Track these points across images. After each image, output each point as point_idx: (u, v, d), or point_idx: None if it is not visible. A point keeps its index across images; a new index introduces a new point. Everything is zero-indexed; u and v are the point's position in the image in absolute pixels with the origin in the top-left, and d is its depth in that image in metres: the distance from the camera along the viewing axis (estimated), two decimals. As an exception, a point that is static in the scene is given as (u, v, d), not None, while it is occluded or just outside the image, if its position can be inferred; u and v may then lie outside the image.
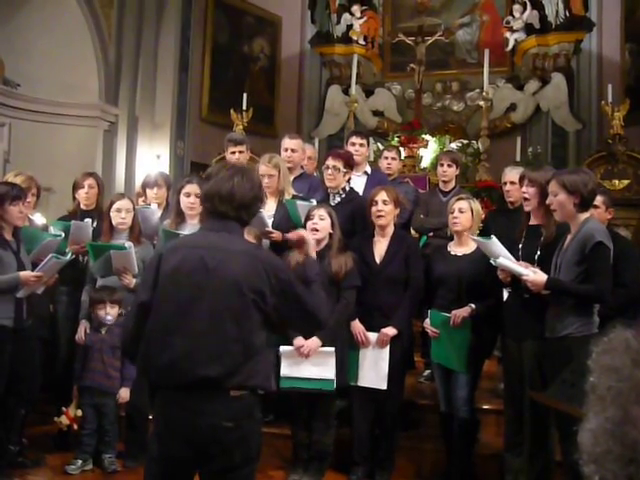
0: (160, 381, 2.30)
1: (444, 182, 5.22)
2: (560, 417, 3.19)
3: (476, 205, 4.05)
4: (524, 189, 3.66)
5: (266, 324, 2.35)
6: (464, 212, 3.97)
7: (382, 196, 4.05)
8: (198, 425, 2.21)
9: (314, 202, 4.29)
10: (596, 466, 0.86)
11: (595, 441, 0.87)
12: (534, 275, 3.30)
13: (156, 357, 2.28)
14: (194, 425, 2.22)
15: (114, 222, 4.38)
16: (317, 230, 3.95)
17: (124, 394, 4.19)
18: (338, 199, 4.45)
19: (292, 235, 3.40)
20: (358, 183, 4.91)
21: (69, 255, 4.16)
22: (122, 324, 2.55)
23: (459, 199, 4.06)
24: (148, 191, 5.02)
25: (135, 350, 2.36)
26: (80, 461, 4.15)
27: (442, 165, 5.21)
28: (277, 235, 4.28)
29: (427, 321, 4.00)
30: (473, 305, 3.82)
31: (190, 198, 4.29)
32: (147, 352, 2.32)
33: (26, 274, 3.81)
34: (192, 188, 4.29)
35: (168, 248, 2.46)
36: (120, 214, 4.37)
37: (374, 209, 4.06)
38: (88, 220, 4.52)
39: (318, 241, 3.98)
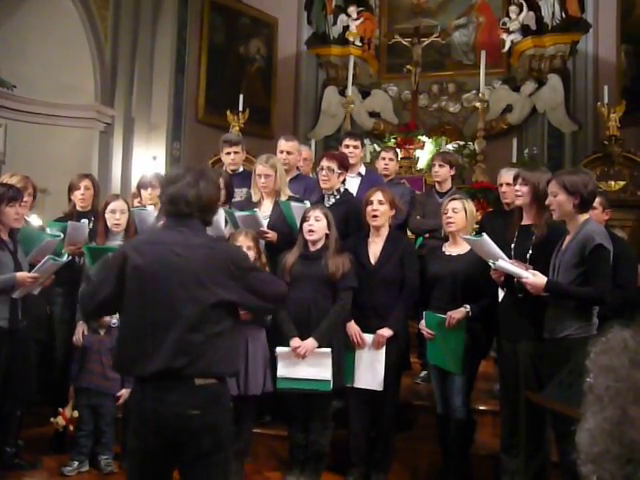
0: (128, 373, 2.47)
1: (439, 183, 5.22)
2: (556, 417, 3.19)
3: (470, 205, 4.04)
4: (517, 187, 3.66)
5: (230, 311, 2.45)
6: (458, 212, 3.97)
7: (377, 196, 4.05)
8: (165, 415, 2.31)
9: (307, 204, 4.30)
10: (594, 466, 0.86)
11: (593, 441, 0.87)
12: (534, 278, 3.29)
13: (123, 350, 2.43)
14: (161, 415, 2.31)
15: (109, 223, 4.37)
16: (313, 231, 3.95)
17: (126, 394, 4.18)
18: (332, 200, 4.44)
19: None
20: (352, 184, 4.91)
21: (65, 257, 4.14)
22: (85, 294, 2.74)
23: (452, 199, 4.06)
24: (143, 192, 5.01)
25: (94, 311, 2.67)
26: (76, 462, 4.14)
27: (434, 165, 5.23)
28: (272, 235, 4.28)
29: (422, 322, 3.99)
30: (468, 306, 3.81)
31: None
32: (117, 347, 2.49)
33: (22, 275, 3.80)
34: None
35: (131, 246, 2.57)
36: (115, 215, 4.35)
37: (369, 209, 4.05)
38: (85, 221, 4.50)
39: (314, 242, 3.98)
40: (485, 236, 3.53)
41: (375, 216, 4.04)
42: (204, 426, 2.33)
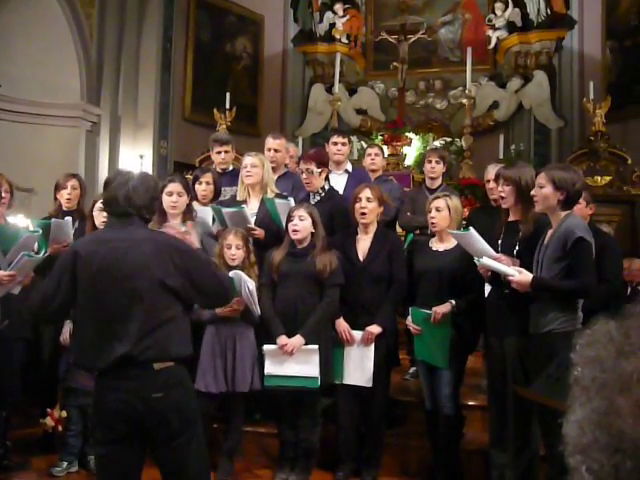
0: (90, 368, 2.58)
1: (431, 179, 5.22)
2: (543, 412, 3.21)
3: (454, 202, 4.01)
4: (500, 188, 3.66)
5: (179, 299, 2.57)
6: (441, 211, 3.97)
7: (366, 193, 4.04)
8: (130, 402, 2.42)
9: (292, 201, 4.29)
10: (582, 456, 0.87)
11: (581, 432, 0.87)
12: (519, 275, 3.30)
13: (82, 346, 2.56)
14: (127, 403, 2.42)
15: (97, 222, 4.32)
16: (297, 231, 3.95)
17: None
18: (317, 198, 4.43)
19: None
20: (339, 181, 4.91)
21: (42, 252, 4.05)
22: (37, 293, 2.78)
23: (436, 198, 4.06)
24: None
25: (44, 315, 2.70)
26: (65, 463, 4.12)
27: (430, 162, 5.20)
28: (259, 232, 4.28)
29: (409, 318, 4.00)
30: (453, 301, 3.82)
31: (172, 197, 4.14)
32: (73, 342, 2.66)
33: None
34: (174, 187, 4.16)
35: (81, 243, 2.74)
36: (103, 213, 4.31)
37: (357, 206, 4.05)
38: (68, 218, 4.44)
39: (300, 241, 3.98)
40: (472, 230, 3.54)
41: (364, 214, 4.04)
42: (169, 407, 2.44)
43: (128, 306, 2.47)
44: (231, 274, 3.64)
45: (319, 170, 4.37)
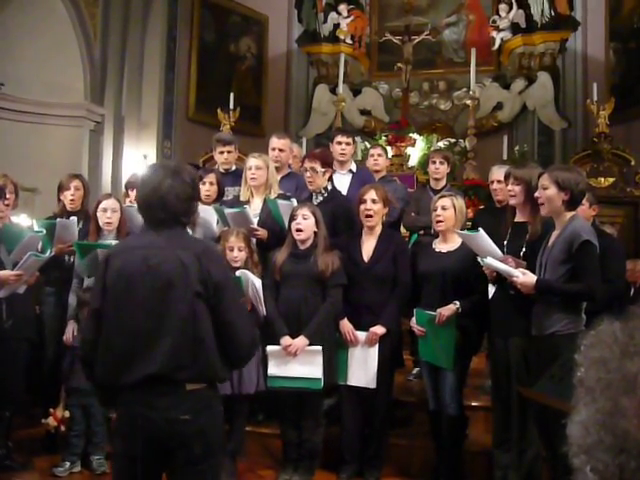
0: (113, 382, 2.34)
1: (436, 180, 5.23)
2: (540, 413, 3.21)
3: (459, 202, 4.01)
4: (510, 187, 3.66)
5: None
6: (447, 210, 3.97)
7: (371, 195, 4.04)
8: (155, 421, 2.27)
9: (294, 201, 4.29)
10: (587, 457, 0.87)
11: (586, 432, 0.88)
12: (523, 277, 3.29)
13: (107, 359, 2.34)
14: (152, 421, 2.27)
15: (100, 222, 4.34)
16: (301, 230, 3.95)
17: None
18: (320, 198, 4.43)
19: None
20: (343, 181, 4.91)
21: (48, 252, 4.06)
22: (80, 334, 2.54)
23: (441, 197, 4.05)
24: (130, 192, 4.98)
25: (95, 359, 2.38)
26: (68, 463, 4.12)
27: (434, 163, 5.21)
28: (262, 233, 4.28)
29: (413, 320, 3.99)
30: (457, 303, 3.81)
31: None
32: (100, 356, 2.37)
33: (5, 273, 3.75)
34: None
35: (112, 251, 2.51)
36: (106, 214, 4.33)
37: (362, 207, 4.05)
38: (74, 218, 4.45)
39: (303, 241, 3.97)
40: (482, 232, 3.53)
41: (369, 216, 4.03)
42: (195, 431, 2.29)
43: (161, 319, 2.29)
44: (238, 273, 3.64)
45: (323, 170, 4.37)
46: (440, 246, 4.03)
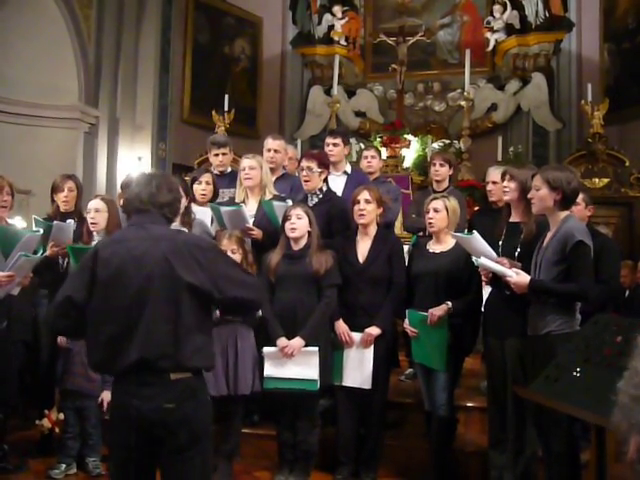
0: (106, 371, 2.49)
1: (437, 182, 5.23)
2: (539, 413, 3.21)
3: (452, 203, 4.00)
4: (505, 183, 3.68)
5: (203, 304, 2.46)
6: (439, 211, 3.97)
7: (364, 195, 4.05)
8: (142, 409, 2.35)
9: (290, 202, 4.29)
10: None
11: None
12: (517, 277, 3.30)
13: (98, 348, 2.43)
14: (137, 410, 2.35)
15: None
16: (295, 229, 3.95)
17: (106, 397, 4.14)
18: (315, 199, 4.42)
19: None
20: (338, 183, 4.90)
21: (40, 253, 4.03)
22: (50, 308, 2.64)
23: (434, 198, 4.06)
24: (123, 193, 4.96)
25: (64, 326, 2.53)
26: (64, 465, 4.11)
27: (434, 165, 5.21)
28: (257, 233, 4.28)
29: (406, 321, 3.99)
30: (449, 303, 3.81)
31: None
32: (88, 344, 2.49)
33: None
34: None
35: (100, 245, 2.61)
36: (89, 214, 4.30)
37: (356, 208, 4.06)
38: (70, 221, 4.43)
39: (297, 241, 3.98)
40: (476, 234, 3.54)
41: (362, 215, 4.04)
42: (179, 419, 2.36)
43: (147, 308, 2.36)
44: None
45: (319, 170, 4.37)
46: (433, 247, 4.04)
